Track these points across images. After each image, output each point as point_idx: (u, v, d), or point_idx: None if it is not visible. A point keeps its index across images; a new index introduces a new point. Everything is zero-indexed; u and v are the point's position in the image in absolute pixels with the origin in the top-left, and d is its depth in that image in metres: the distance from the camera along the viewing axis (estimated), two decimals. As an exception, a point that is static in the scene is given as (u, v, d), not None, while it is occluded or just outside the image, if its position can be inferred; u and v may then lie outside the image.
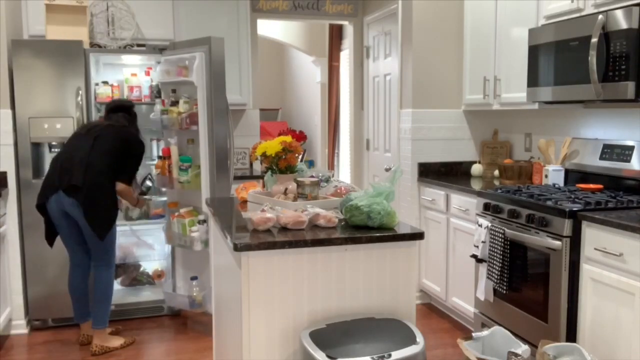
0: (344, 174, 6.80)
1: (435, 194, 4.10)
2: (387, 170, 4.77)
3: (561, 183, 3.53)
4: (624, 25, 2.73)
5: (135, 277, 4.39)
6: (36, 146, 3.98)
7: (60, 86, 3.92)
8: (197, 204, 3.94)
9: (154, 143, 4.47)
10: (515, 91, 3.70)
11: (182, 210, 3.96)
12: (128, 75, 4.35)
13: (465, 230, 3.73)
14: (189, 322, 4.12)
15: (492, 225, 3.25)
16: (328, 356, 1.87)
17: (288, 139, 2.71)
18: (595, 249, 2.63)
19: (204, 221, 3.83)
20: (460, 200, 3.78)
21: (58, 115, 3.94)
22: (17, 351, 3.64)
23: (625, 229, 2.45)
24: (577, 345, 2.43)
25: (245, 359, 2.10)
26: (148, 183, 4.48)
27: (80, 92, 3.94)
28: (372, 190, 2.27)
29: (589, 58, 2.87)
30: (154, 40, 4.35)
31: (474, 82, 4.19)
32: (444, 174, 4.41)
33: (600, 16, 2.84)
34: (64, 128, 3.93)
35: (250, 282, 2.07)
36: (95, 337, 3.57)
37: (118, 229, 4.38)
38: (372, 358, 1.84)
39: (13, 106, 3.88)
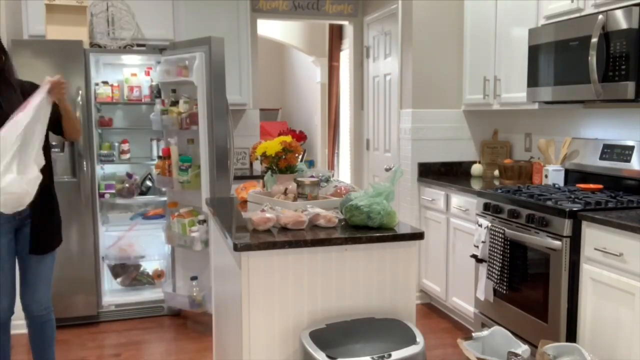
0: (344, 174, 6.80)
1: (435, 194, 4.10)
2: (387, 170, 4.76)
3: (561, 183, 3.53)
4: (624, 25, 2.73)
5: (135, 277, 4.39)
6: (36, 146, 3.98)
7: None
8: (197, 204, 3.94)
9: (154, 143, 4.47)
10: (515, 91, 3.70)
11: (182, 210, 3.96)
12: (128, 75, 4.35)
13: (465, 230, 3.73)
14: (189, 322, 4.12)
15: (492, 225, 3.25)
16: (328, 356, 1.87)
17: (288, 139, 2.71)
18: (595, 249, 2.63)
19: (204, 221, 3.83)
20: (460, 200, 3.78)
21: (58, 115, 3.95)
22: (17, 351, 3.64)
23: (625, 229, 2.45)
24: (577, 345, 2.43)
25: (245, 359, 2.10)
26: (148, 183, 4.48)
27: (80, 92, 3.93)
28: (372, 190, 2.27)
29: (589, 58, 2.87)
30: (154, 40, 4.34)
31: (474, 82, 4.18)
32: (444, 174, 4.41)
33: (600, 16, 2.84)
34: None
35: (250, 282, 2.07)
36: None
37: (118, 228, 4.43)
38: (372, 358, 1.84)
39: (13, 106, 3.87)
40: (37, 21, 4.12)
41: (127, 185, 4.29)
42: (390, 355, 1.86)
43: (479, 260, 3.38)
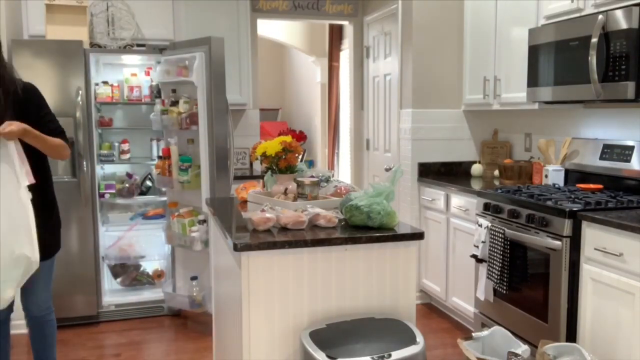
0: (344, 174, 6.80)
1: (435, 194, 4.10)
2: (387, 170, 4.77)
3: (561, 183, 3.53)
4: (624, 25, 2.73)
5: (135, 277, 4.39)
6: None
7: (60, 86, 3.92)
8: (197, 204, 3.94)
9: (154, 143, 4.47)
10: (515, 91, 3.70)
11: (182, 210, 3.96)
12: (128, 75, 4.35)
13: (465, 230, 3.73)
14: (189, 322, 4.12)
15: (492, 225, 3.25)
16: (328, 356, 1.87)
17: (288, 139, 2.71)
18: (595, 249, 2.63)
19: (204, 221, 3.83)
20: (460, 200, 3.78)
21: (58, 115, 3.86)
22: (17, 351, 3.63)
23: (625, 229, 2.45)
24: (577, 345, 2.43)
25: (245, 359, 2.10)
26: (148, 183, 4.48)
27: (80, 92, 3.93)
28: (372, 190, 2.27)
29: (589, 58, 2.87)
30: (154, 40, 4.34)
31: (474, 82, 4.18)
32: (444, 174, 4.40)
33: (600, 16, 2.84)
34: (64, 128, 3.92)
35: (250, 282, 2.07)
36: None
37: (118, 228, 4.43)
38: (372, 358, 1.84)
39: (13, 106, 3.87)
40: (37, 21, 4.12)
41: (127, 185, 4.29)
42: (390, 355, 1.86)
43: (479, 260, 3.38)
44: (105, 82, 4.22)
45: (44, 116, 2.64)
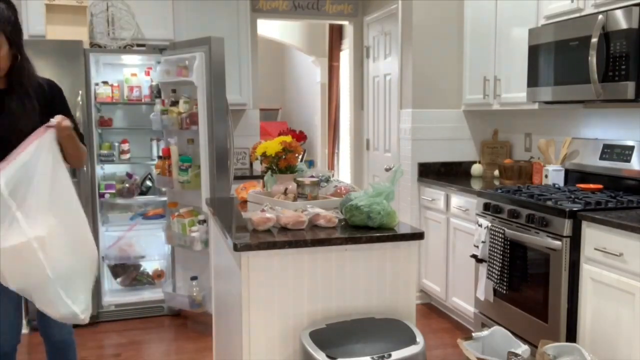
0: (344, 174, 6.80)
1: (435, 194, 4.10)
2: (387, 170, 4.77)
3: (561, 183, 3.53)
4: (624, 25, 2.73)
5: (135, 277, 4.39)
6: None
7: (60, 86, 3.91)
8: (197, 204, 3.94)
9: (154, 143, 4.47)
10: (515, 91, 3.70)
11: (182, 210, 3.97)
12: (128, 75, 4.35)
13: (465, 230, 3.73)
14: (189, 322, 4.12)
15: (492, 225, 3.25)
16: (328, 356, 1.87)
17: (288, 139, 2.71)
18: (595, 249, 2.63)
19: (204, 221, 3.83)
20: (460, 200, 3.78)
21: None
22: (18, 351, 3.63)
23: (625, 229, 2.45)
24: (577, 345, 2.43)
25: (245, 359, 2.10)
26: (148, 183, 4.48)
27: (80, 92, 3.93)
28: (372, 190, 2.27)
29: (589, 58, 2.87)
30: (154, 40, 4.34)
31: (474, 82, 4.18)
32: (444, 174, 4.40)
33: (600, 16, 2.84)
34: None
35: (250, 282, 2.07)
36: None
37: (118, 228, 4.43)
38: (372, 358, 1.84)
39: (13, 106, 3.87)
40: (37, 21, 4.12)
41: (127, 185, 4.29)
42: (390, 355, 1.86)
43: (479, 260, 3.38)
44: (105, 82, 4.22)
45: (66, 116, 2.36)
